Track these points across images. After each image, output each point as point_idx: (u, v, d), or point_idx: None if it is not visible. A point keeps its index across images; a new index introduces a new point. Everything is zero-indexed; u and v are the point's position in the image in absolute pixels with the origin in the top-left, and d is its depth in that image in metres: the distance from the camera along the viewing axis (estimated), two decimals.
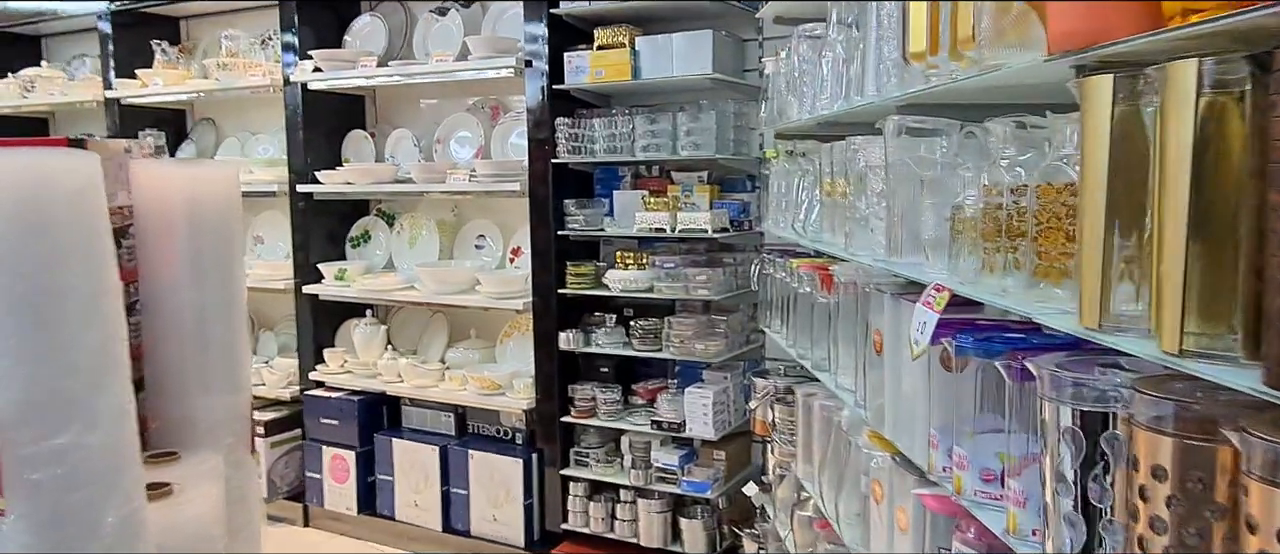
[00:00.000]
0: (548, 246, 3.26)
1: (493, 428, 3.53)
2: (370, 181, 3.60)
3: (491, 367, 3.55)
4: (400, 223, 3.87)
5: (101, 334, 1.96)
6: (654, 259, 3.10)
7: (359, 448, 3.68)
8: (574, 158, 3.18)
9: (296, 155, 3.78)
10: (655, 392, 3.22)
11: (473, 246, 3.75)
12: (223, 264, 2.65)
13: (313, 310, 3.85)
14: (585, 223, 3.19)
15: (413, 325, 3.92)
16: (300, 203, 3.80)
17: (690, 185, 3.15)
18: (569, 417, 3.29)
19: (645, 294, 3.10)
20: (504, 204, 3.69)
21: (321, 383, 3.83)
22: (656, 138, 3.03)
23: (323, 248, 3.91)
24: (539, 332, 3.32)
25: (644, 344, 3.13)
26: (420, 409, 3.65)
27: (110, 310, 2.01)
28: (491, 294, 3.38)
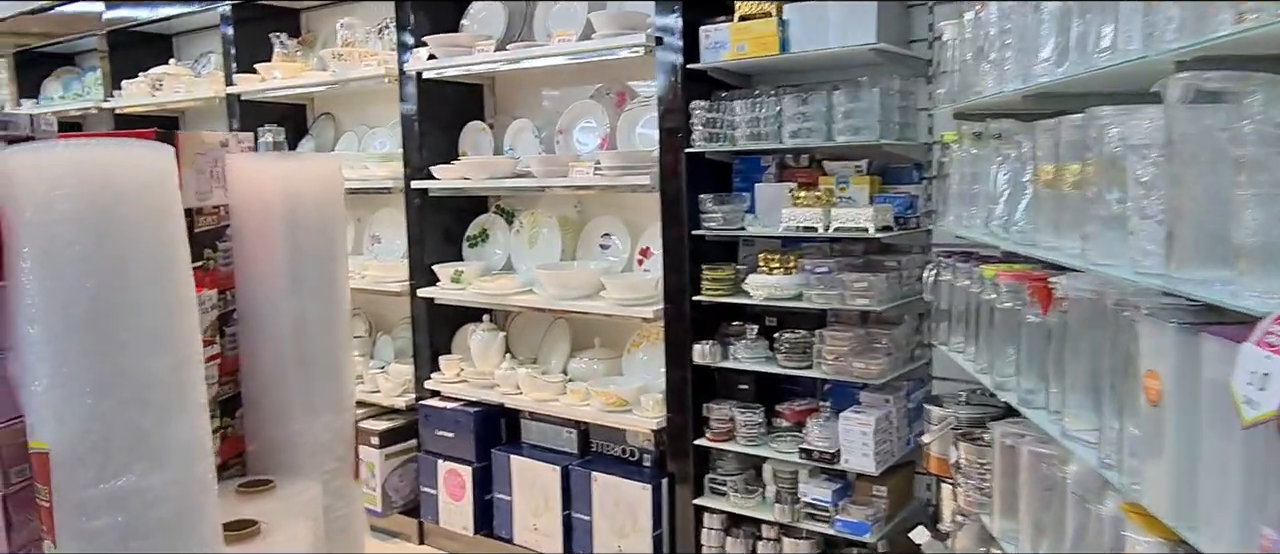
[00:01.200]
0: (680, 247, 2.89)
1: (618, 448, 3.19)
2: (486, 176, 3.32)
3: (617, 380, 3.21)
4: (520, 220, 3.59)
5: (174, 356, 1.69)
6: (802, 262, 2.68)
7: (475, 463, 3.42)
8: (710, 147, 2.79)
9: (412, 149, 3.55)
10: (803, 414, 2.80)
11: (597, 246, 3.42)
12: (324, 269, 2.39)
13: (428, 314, 3.61)
14: (723, 221, 2.80)
15: (533, 332, 3.63)
16: (415, 200, 3.56)
17: (846, 176, 2.71)
18: (704, 440, 2.91)
19: (792, 303, 2.68)
20: (631, 200, 3.35)
21: (437, 392, 3.59)
22: (808, 121, 2.61)
23: (439, 247, 3.67)
24: (670, 342, 2.95)
25: (790, 360, 2.72)
26: (540, 424, 3.35)
27: (184, 328, 1.74)
28: (617, 300, 3.04)
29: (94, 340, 1.48)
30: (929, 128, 2.73)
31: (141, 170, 1.59)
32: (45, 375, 1.46)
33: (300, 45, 4.08)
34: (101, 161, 1.53)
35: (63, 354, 1.46)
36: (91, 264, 1.49)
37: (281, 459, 2.30)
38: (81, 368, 1.47)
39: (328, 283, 2.37)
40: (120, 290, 1.52)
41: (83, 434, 1.46)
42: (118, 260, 1.53)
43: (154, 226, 1.60)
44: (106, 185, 1.52)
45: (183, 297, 1.65)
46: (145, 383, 1.53)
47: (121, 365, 1.51)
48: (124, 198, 1.55)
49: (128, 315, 1.52)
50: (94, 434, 1.47)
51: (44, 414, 1.46)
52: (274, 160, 2.28)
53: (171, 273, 1.63)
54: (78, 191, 1.48)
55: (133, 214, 1.56)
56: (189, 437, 1.62)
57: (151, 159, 1.63)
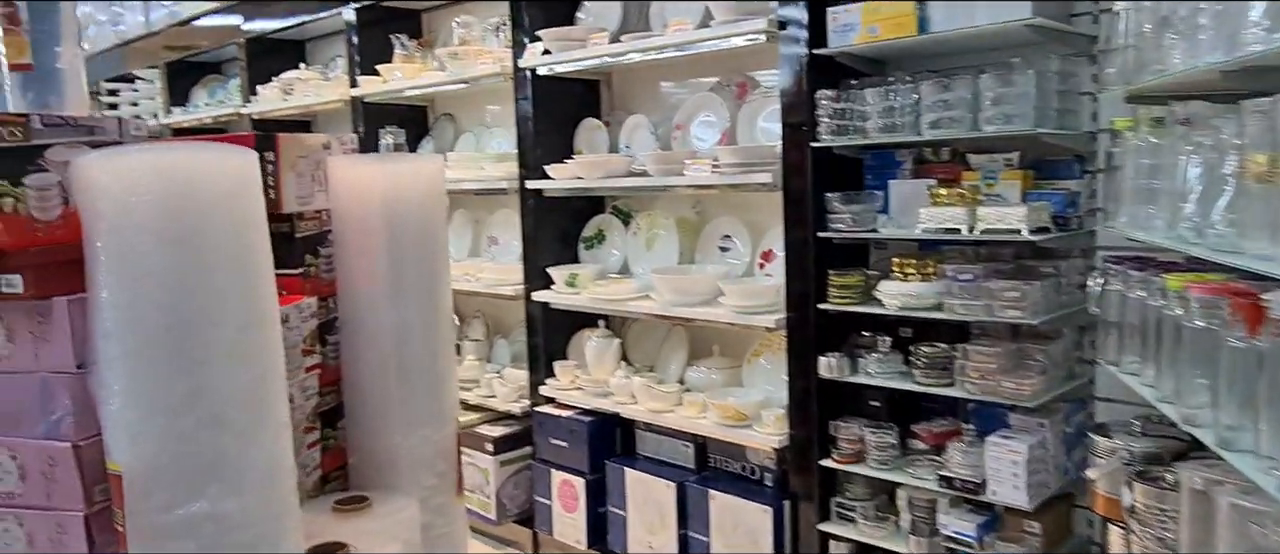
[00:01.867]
0: (805, 250, 2.65)
1: (737, 465, 2.99)
2: (600, 175, 3.18)
3: (736, 392, 3.00)
4: (636, 222, 3.43)
5: (253, 372, 1.60)
6: (943, 268, 2.39)
7: (589, 475, 3.28)
8: (839, 140, 2.54)
9: (527, 148, 3.45)
10: (943, 437, 2.52)
11: (716, 249, 3.22)
12: (424, 275, 2.28)
13: (543, 319, 3.51)
14: (852, 222, 2.54)
15: (649, 338, 3.47)
16: (530, 200, 3.46)
17: (995, 171, 2.41)
18: (830, 460, 2.66)
19: (930, 313, 2.40)
20: (753, 199, 3.13)
21: (552, 399, 3.48)
22: (950, 110, 2.32)
23: (556, 249, 3.56)
24: (794, 354, 2.72)
25: (929, 376, 2.44)
26: (656, 435, 3.19)
27: (266, 342, 1.64)
28: (737, 307, 2.83)
29: (169, 355, 1.40)
30: (1093, 114, 2.39)
31: (223, 175, 1.51)
32: (119, 393, 1.39)
33: (420, 46, 4.06)
34: (181, 166, 1.45)
35: (136, 370, 1.39)
36: (168, 274, 1.41)
37: (380, 474, 2.22)
38: (155, 385, 1.40)
39: (429, 290, 2.27)
40: (198, 302, 1.44)
41: (156, 456, 1.39)
42: (196, 270, 1.45)
43: (235, 234, 1.51)
44: (185, 191, 1.44)
45: (265, 309, 1.56)
46: (223, 401, 1.45)
47: (198, 382, 1.42)
48: (204, 204, 1.46)
49: (206, 329, 1.44)
50: (168, 456, 1.39)
51: (118, 434, 1.39)
52: (373, 162, 2.20)
53: (253, 283, 1.54)
54: (156, 197, 1.40)
55: (213, 221, 1.48)
56: (270, 458, 1.53)
57: (233, 163, 1.54)
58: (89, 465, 1.47)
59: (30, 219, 1.45)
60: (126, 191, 1.39)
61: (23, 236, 1.44)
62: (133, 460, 1.39)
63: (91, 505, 1.48)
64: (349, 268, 2.24)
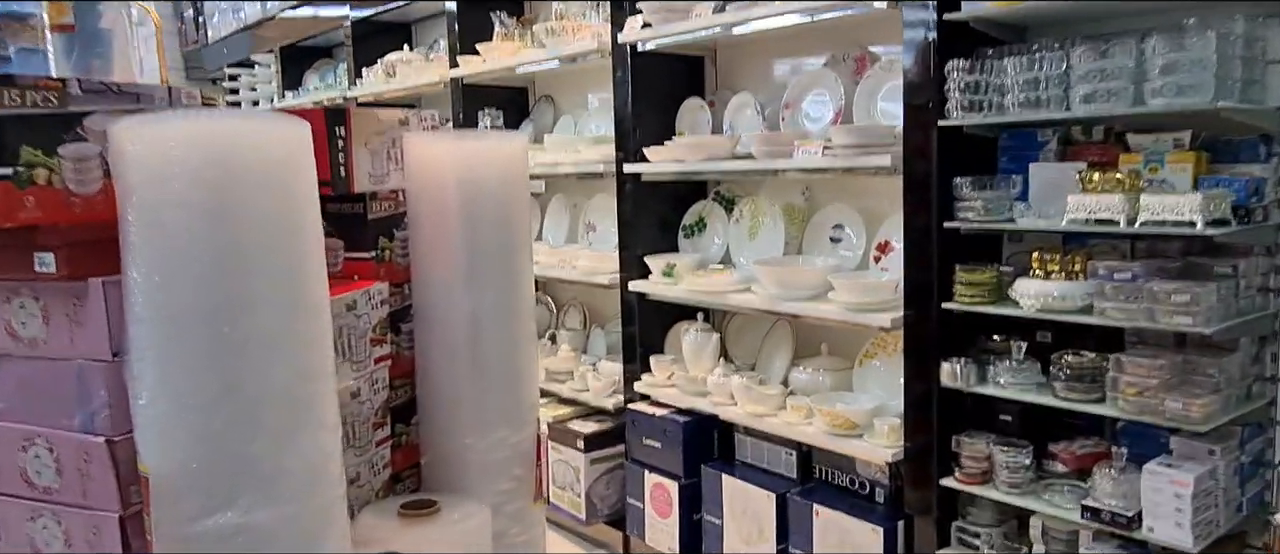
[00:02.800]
0: (928, 242, 2.36)
1: (845, 477, 2.71)
2: (702, 158, 2.94)
3: (846, 397, 2.73)
4: (739, 208, 3.18)
5: (295, 367, 1.37)
6: (1094, 265, 2.06)
7: (683, 479, 3.07)
8: (971, 118, 2.23)
9: (625, 130, 3.25)
10: (1088, 460, 2.19)
11: (827, 239, 2.94)
12: (503, 262, 2.08)
13: (640, 310, 3.31)
14: (984, 210, 2.23)
15: (751, 334, 3.22)
16: (627, 185, 3.27)
17: (1160, 153, 2.06)
18: (952, 479, 2.37)
19: (1077, 317, 2.08)
20: (868, 185, 2.84)
21: (646, 396, 3.28)
22: (1107, 80, 1.99)
23: (654, 237, 3.36)
24: (912, 358, 2.43)
25: (1074, 390, 2.11)
26: (756, 440, 2.95)
27: (310, 334, 1.44)
28: (848, 303, 2.56)
29: (201, 345, 1.26)
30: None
31: (267, 147, 1.35)
32: (148, 386, 1.25)
33: (520, 24, 3.92)
34: (220, 135, 1.30)
35: (166, 361, 1.25)
36: (202, 254, 1.26)
37: (452, 476, 2.06)
38: (187, 379, 1.25)
39: (507, 278, 2.09)
40: (235, 286, 1.29)
41: (185, 458, 1.24)
42: (234, 250, 1.30)
43: (280, 212, 1.36)
44: (225, 162, 1.29)
45: (311, 296, 1.41)
46: (260, 399, 1.30)
47: (233, 377, 1.28)
48: (245, 178, 1.31)
49: (243, 317, 1.29)
50: (197, 459, 1.25)
51: (147, 432, 1.26)
52: (451, 139, 2.04)
53: (299, 267, 1.39)
54: (191, 169, 1.26)
55: (254, 197, 1.32)
56: (310, 463, 1.37)
57: (279, 134, 1.39)
58: (124, 463, 1.35)
59: (66, 192, 1.33)
60: (159, 162, 1.26)
61: (57, 211, 1.33)
62: (161, 462, 1.25)
63: (127, 507, 1.37)
64: (423, 252, 2.09)
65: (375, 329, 1.94)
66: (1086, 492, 2.12)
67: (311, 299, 1.39)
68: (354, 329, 1.86)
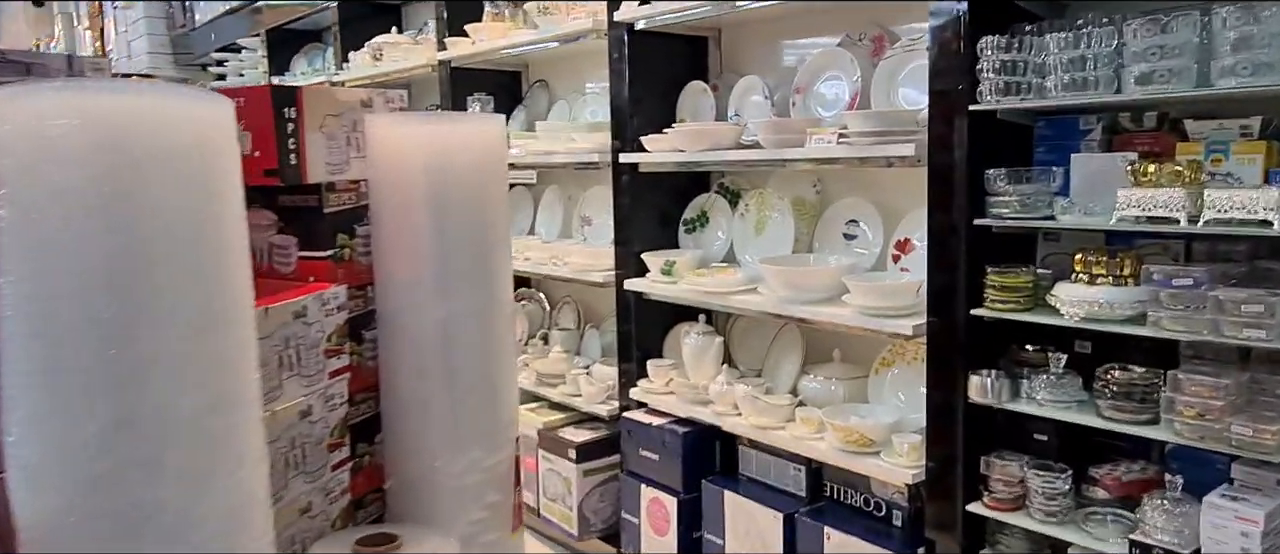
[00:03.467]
0: (955, 241, 2.12)
1: (859, 497, 2.48)
2: (703, 147, 2.70)
3: (861, 410, 2.49)
4: (745, 202, 2.94)
5: (208, 394, 0.94)
6: (1148, 269, 1.82)
7: (682, 494, 2.84)
8: (1006, 101, 1.99)
9: (621, 117, 3.01)
10: (1134, 486, 1.96)
11: (840, 236, 2.70)
12: (478, 261, 1.78)
13: (637, 310, 3.08)
14: (1021, 206, 1.99)
15: (756, 337, 2.99)
16: (624, 176, 3.03)
17: (1224, 142, 1.81)
18: (981, 505, 2.13)
19: (1127, 327, 1.84)
20: (887, 177, 2.60)
21: (643, 403, 3.05)
22: (1168, 58, 1.74)
23: (653, 232, 3.12)
24: (936, 368, 2.20)
25: (1122, 410, 1.87)
26: (761, 454, 2.71)
27: (227, 353, 1.15)
28: (864, 307, 2.32)
29: (87, 370, 1.02)
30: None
31: (178, 128, 1.11)
32: (19, 421, 1.02)
33: (512, 3, 3.68)
34: (116, 112, 1.07)
35: (42, 388, 1.01)
36: (90, 258, 1.03)
37: (419, 502, 1.82)
38: (67, 412, 1.01)
39: (483, 281, 1.86)
40: (132, 298, 1.05)
41: (65, 511, 1.01)
42: (131, 254, 1.06)
43: (192, 208, 1.11)
44: (121, 146, 1.05)
45: (230, 309, 1.16)
46: (162, 435, 1.05)
47: (127, 408, 1.04)
48: (147, 166, 1.08)
49: (141, 334, 1.05)
50: (81, 511, 1.02)
51: (16, 479, 1.03)
52: (418, 122, 1.80)
53: (215, 275, 1.14)
54: (77, 152, 1.01)
55: (159, 189, 1.08)
56: (229, 509, 1.13)
57: (194, 113, 1.14)
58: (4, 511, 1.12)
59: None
60: (34, 142, 1.02)
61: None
62: (33, 514, 1.02)
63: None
64: (387, 251, 1.85)
65: (331, 338, 1.71)
66: (1134, 524, 1.88)
67: (230, 311, 1.15)
68: (303, 339, 1.63)
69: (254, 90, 1.67)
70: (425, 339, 1.78)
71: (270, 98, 1.66)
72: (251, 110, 1.68)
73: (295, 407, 1.60)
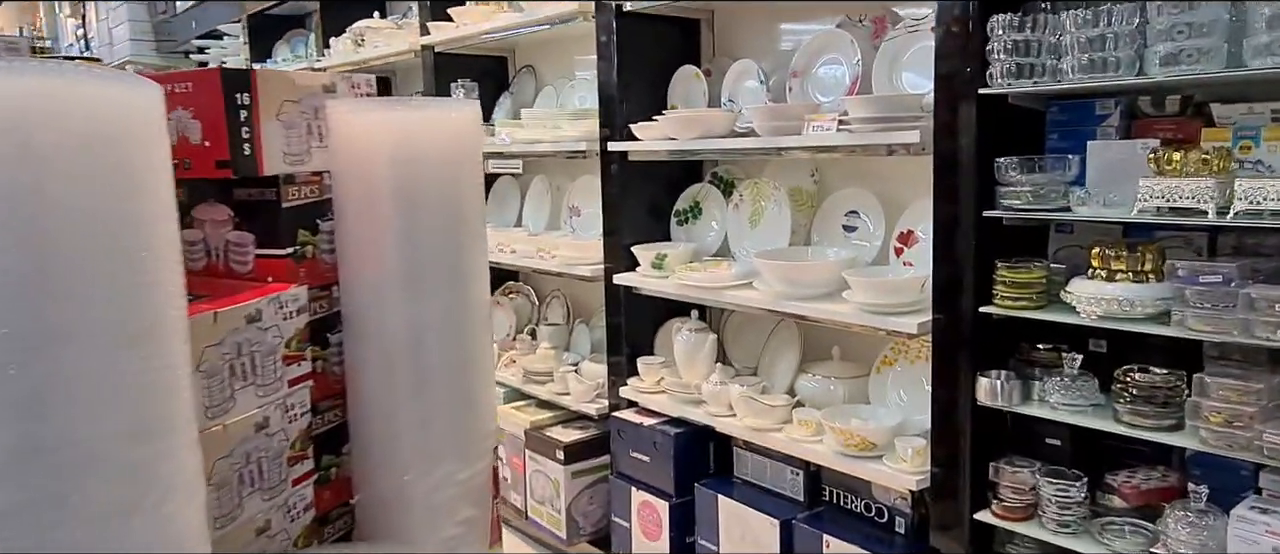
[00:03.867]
0: (962, 234, 1.99)
1: (860, 502, 2.36)
2: (695, 135, 2.57)
3: (862, 411, 2.37)
4: (739, 192, 2.81)
5: (128, 420, 0.77)
6: (1173, 265, 1.70)
7: (675, 498, 2.72)
8: (1018, 85, 1.86)
9: (610, 103, 2.88)
10: (1154, 495, 1.84)
11: (839, 228, 2.57)
12: (450, 259, 1.57)
13: (627, 305, 2.95)
14: (1035, 197, 1.86)
15: (752, 334, 2.86)
16: (612, 165, 2.89)
17: (1254, 128, 1.69)
18: (988, 513, 2.01)
19: (1148, 326, 1.71)
20: (889, 166, 2.47)
21: (633, 403, 2.92)
22: (1194, 36, 1.61)
23: (644, 224, 2.99)
24: (942, 369, 2.07)
25: (1142, 416, 1.75)
26: (757, 456, 2.59)
27: (150, 372, 0.97)
28: (866, 304, 2.19)
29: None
30: None
31: (95, 117, 0.98)
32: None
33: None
34: (18, 97, 0.94)
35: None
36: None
37: (389, 518, 1.69)
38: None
39: (456, 280, 1.72)
40: (36, 310, 0.93)
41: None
42: (35, 258, 0.94)
43: (108, 208, 0.99)
44: (24, 137, 0.93)
45: (156, 321, 1.04)
46: (73, 467, 0.94)
47: (32, 437, 0.92)
48: (55, 160, 0.95)
49: (46, 351, 0.93)
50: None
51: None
52: (384, 109, 1.66)
53: (136, 282, 1.02)
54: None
55: (69, 185, 0.95)
56: (157, 547, 1.02)
57: (115, 99, 1.01)
58: None
59: None
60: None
61: None
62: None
63: None
64: (351, 248, 1.72)
65: (290, 343, 1.58)
66: (1155, 536, 1.76)
67: (155, 324, 1.02)
68: (258, 346, 1.50)
69: (202, 74, 1.54)
70: (393, 343, 1.65)
71: (220, 82, 1.53)
72: (201, 96, 1.54)
73: (250, 419, 1.47)
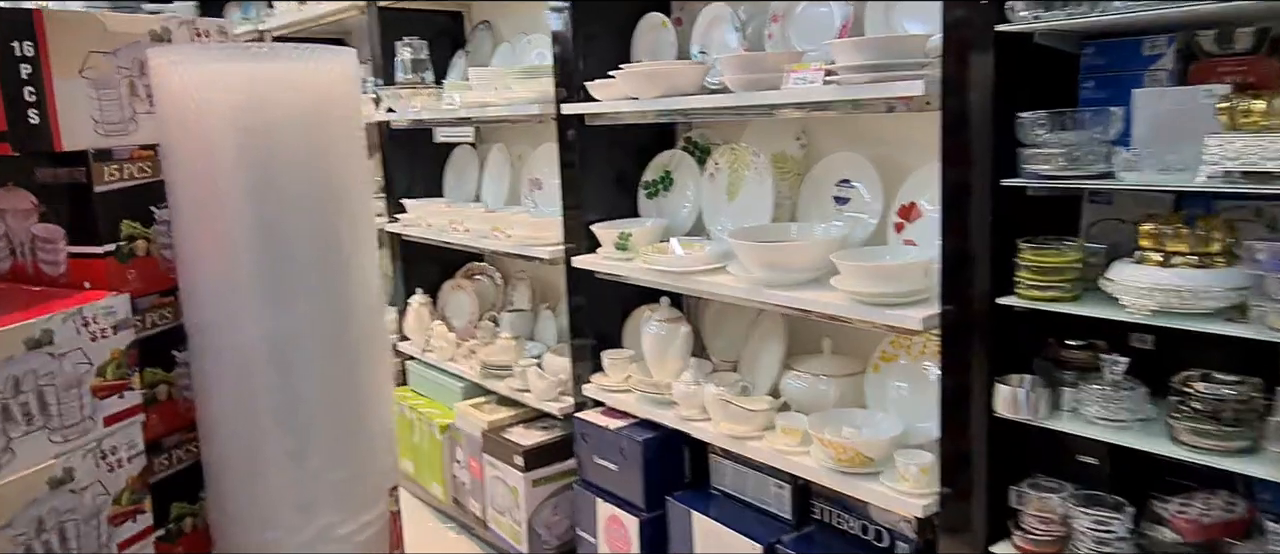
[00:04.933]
0: (976, 206, 1.61)
1: (855, 522, 2.02)
2: (659, 92, 2.19)
3: (856, 417, 2.01)
4: (714, 160, 2.43)
5: None
6: (1248, 245, 1.33)
7: (645, 512, 2.37)
8: (1049, 18, 1.47)
9: (566, 59, 2.49)
10: (1216, 529, 1.48)
11: (830, 200, 2.20)
12: (324, 257, 1.13)
13: (590, 291, 2.59)
14: (1066, 160, 1.48)
15: (733, 322, 2.50)
16: (570, 131, 2.52)
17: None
18: (1009, 547, 1.66)
19: (1216, 324, 1.35)
20: (887, 126, 2.10)
21: (599, 402, 2.57)
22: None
23: (610, 198, 2.62)
24: (952, 371, 1.71)
25: (1207, 436, 1.38)
26: (737, 466, 2.25)
27: None
28: (859, 294, 1.82)
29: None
30: None
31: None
32: None
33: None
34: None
35: None
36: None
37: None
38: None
39: (332, 280, 1.36)
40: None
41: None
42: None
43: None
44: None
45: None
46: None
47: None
48: None
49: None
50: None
51: None
52: (222, 59, 1.29)
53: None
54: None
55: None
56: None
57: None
58: None
59: None
60: None
61: None
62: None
63: None
64: (192, 243, 1.36)
65: (106, 370, 1.22)
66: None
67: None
68: (51, 377, 1.14)
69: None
70: (251, 361, 1.29)
71: None
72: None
73: (40, 474, 1.12)
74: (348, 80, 1.34)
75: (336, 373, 1.33)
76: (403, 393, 3.46)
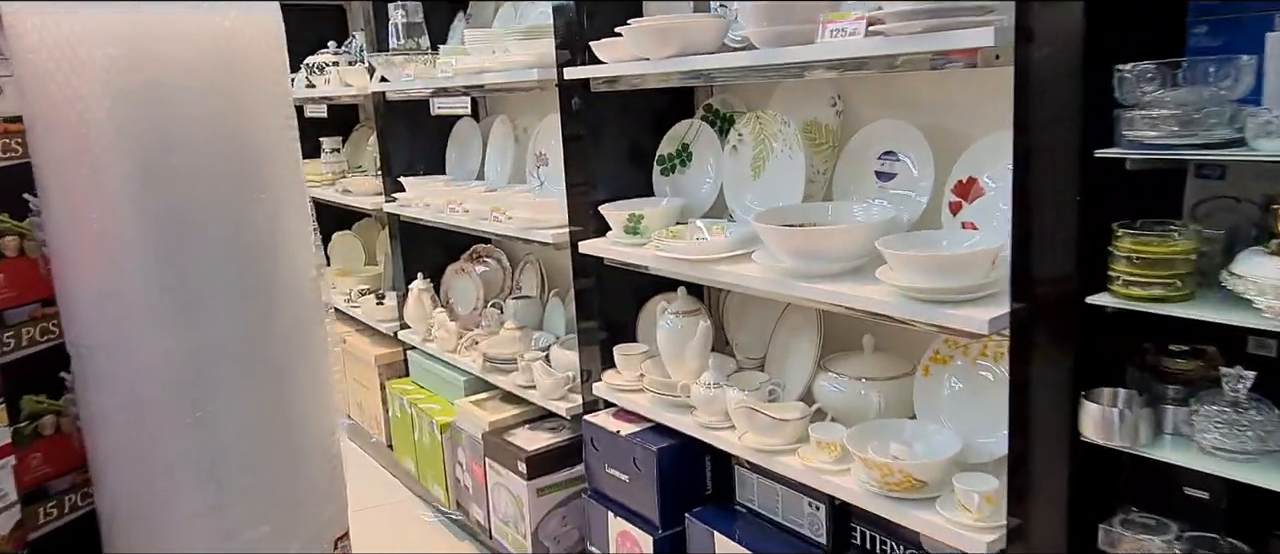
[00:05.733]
0: (1058, 183, 1.31)
1: (902, 550, 1.73)
2: (672, 51, 1.89)
3: (904, 432, 1.72)
4: (737, 130, 2.13)
5: None
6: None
7: (660, 530, 2.11)
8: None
9: (569, 17, 2.20)
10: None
11: (871, 176, 1.89)
12: (243, 255, 1.07)
13: (599, 278, 2.31)
14: (1180, 124, 1.17)
15: (759, 314, 2.21)
16: (574, 98, 2.23)
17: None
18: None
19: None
20: (939, 86, 1.79)
21: (610, 403, 2.30)
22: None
23: (622, 175, 2.33)
24: (1025, 383, 1.41)
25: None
26: (764, 480, 1.97)
27: None
28: (909, 288, 1.52)
29: None
30: None
31: None
32: None
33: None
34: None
35: None
36: None
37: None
38: None
39: (254, 287, 1.10)
40: None
41: None
42: None
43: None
44: None
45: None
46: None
47: None
48: None
49: None
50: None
51: None
52: (95, 7, 1.02)
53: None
54: None
55: None
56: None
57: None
58: None
59: None
60: None
61: None
62: None
63: None
64: (66, 245, 1.10)
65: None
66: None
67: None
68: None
69: None
70: (146, 396, 1.03)
71: None
72: None
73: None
74: (268, 35, 1.06)
75: (260, 402, 1.07)
76: (403, 385, 3.22)
